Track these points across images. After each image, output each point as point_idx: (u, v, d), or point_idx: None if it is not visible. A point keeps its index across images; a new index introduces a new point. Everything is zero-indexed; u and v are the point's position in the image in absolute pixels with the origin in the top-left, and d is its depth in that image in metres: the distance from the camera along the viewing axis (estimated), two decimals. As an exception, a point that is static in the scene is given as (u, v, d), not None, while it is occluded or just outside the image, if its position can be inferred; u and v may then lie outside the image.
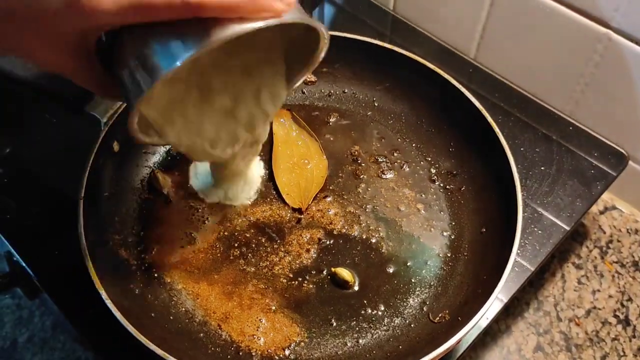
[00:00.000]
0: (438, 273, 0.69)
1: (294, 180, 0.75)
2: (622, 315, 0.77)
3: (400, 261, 0.70)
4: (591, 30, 0.77)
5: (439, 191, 0.75)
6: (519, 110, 0.85)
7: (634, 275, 0.81)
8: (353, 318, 0.66)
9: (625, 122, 0.82)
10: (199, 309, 0.65)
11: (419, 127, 0.80)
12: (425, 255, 0.71)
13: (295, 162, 0.77)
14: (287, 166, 0.76)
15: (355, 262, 0.70)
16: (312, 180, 0.75)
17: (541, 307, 0.78)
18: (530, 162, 0.80)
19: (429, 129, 0.80)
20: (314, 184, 0.74)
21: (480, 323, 0.68)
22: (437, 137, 0.79)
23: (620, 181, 0.82)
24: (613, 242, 0.84)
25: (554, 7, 0.79)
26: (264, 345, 0.63)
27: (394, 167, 0.78)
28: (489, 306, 0.57)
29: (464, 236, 0.71)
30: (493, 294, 0.57)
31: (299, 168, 0.76)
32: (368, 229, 0.72)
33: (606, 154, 0.80)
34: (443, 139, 0.78)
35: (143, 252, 0.68)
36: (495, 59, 0.91)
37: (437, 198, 0.75)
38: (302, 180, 0.75)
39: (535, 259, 0.72)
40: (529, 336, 0.75)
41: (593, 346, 0.75)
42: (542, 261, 0.72)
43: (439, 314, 0.64)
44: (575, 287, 0.80)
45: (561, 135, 0.82)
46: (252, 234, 0.72)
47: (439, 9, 0.94)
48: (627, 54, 0.75)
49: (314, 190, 0.74)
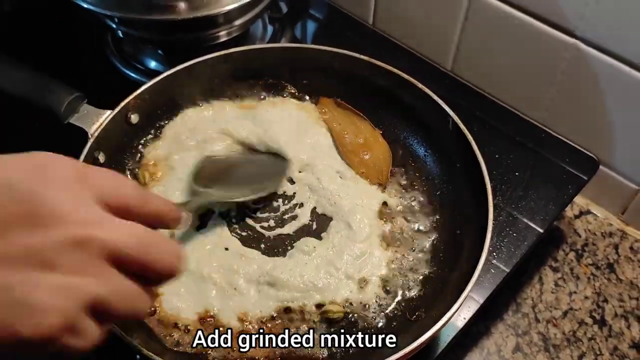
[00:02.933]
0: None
1: (363, 161, 0.80)
2: (598, 315, 0.79)
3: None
4: (559, 40, 0.80)
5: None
6: (494, 118, 0.88)
7: (609, 277, 0.83)
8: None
9: (596, 128, 0.85)
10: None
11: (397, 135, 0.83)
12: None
13: (355, 142, 0.81)
14: (351, 149, 0.81)
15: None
16: (379, 156, 0.80)
17: (519, 309, 0.80)
18: (504, 168, 0.83)
19: (407, 136, 0.83)
20: (382, 160, 0.80)
21: (457, 323, 0.70)
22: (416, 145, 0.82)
23: (595, 186, 0.85)
24: (588, 246, 0.86)
25: (523, 18, 0.83)
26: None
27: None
28: (460, 303, 0.59)
29: (440, 237, 0.73)
30: (465, 291, 0.59)
31: (362, 148, 0.81)
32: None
33: (578, 159, 0.83)
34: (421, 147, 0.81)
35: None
36: (470, 70, 0.94)
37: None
38: (371, 158, 0.80)
39: (510, 260, 0.75)
40: (508, 337, 0.77)
41: (570, 346, 0.77)
42: (517, 262, 0.75)
43: (416, 313, 0.66)
44: (552, 289, 0.82)
45: (534, 142, 0.85)
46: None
47: (417, 23, 0.97)
48: (594, 62, 0.79)
49: (385, 166, 0.79)
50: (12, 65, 0.71)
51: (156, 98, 0.77)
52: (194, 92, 0.81)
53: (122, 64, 0.96)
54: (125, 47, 0.98)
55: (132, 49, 0.98)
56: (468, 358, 0.75)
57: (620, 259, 0.85)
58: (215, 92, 0.83)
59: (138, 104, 0.75)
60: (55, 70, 0.75)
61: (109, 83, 0.94)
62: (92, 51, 1.00)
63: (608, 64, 0.77)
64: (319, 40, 1.03)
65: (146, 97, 0.75)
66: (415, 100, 0.79)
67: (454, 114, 0.75)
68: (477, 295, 0.72)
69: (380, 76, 0.80)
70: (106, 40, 0.99)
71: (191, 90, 0.80)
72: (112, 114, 0.71)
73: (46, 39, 1.02)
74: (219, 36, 0.89)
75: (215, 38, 0.88)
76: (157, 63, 0.97)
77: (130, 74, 0.95)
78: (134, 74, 0.95)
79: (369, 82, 0.82)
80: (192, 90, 0.80)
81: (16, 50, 0.91)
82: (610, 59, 0.77)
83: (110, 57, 0.98)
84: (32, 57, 0.90)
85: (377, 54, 0.84)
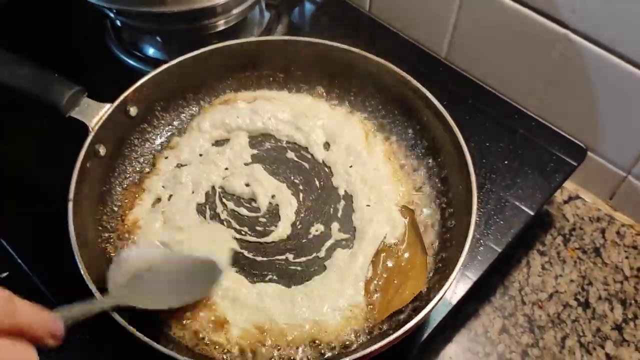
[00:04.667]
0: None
1: (384, 285, 0.70)
2: (583, 298, 0.82)
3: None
4: (551, 31, 0.82)
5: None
6: (486, 106, 0.90)
7: (594, 261, 0.86)
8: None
9: (586, 116, 0.86)
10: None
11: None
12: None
13: (396, 265, 0.72)
14: (387, 265, 0.72)
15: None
16: (401, 293, 0.69)
17: (507, 292, 0.83)
18: (495, 154, 0.85)
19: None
20: (400, 298, 0.69)
21: (451, 300, 0.73)
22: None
23: (584, 172, 0.87)
24: (576, 230, 0.89)
25: (516, 8, 0.83)
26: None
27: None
28: (454, 277, 0.62)
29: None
30: (458, 264, 0.62)
31: (396, 274, 0.71)
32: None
33: (566, 147, 0.85)
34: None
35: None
36: (464, 58, 0.95)
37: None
38: (392, 289, 0.70)
39: (501, 240, 0.78)
40: (495, 319, 0.81)
41: (554, 327, 0.80)
42: (508, 243, 0.78)
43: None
44: (539, 272, 0.85)
45: (525, 129, 0.87)
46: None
47: (412, 10, 0.98)
48: (584, 52, 0.80)
49: (396, 304, 0.68)
50: (14, 60, 0.72)
51: (155, 90, 0.79)
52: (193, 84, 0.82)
53: (120, 51, 0.98)
54: (123, 35, 0.99)
55: (130, 36, 0.99)
56: (456, 338, 0.79)
57: (606, 244, 0.87)
58: (213, 85, 0.84)
59: (137, 97, 0.77)
60: (53, 58, 0.76)
61: (107, 71, 0.96)
62: (91, 38, 1.01)
63: (598, 55, 0.79)
64: (315, 27, 1.04)
65: (144, 89, 0.77)
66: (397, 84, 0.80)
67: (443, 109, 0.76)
68: (470, 273, 0.75)
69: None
70: (105, 27, 1.00)
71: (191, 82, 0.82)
72: (111, 107, 0.73)
73: (44, 26, 1.03)
74: (217, 25, 0.90)
75: (214, 27, 0.90)
76: (155, 50, 0.98)
77: (128, 61, 0.97)
78: (133, 61, 0.97)
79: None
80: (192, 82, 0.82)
81: (15, 39, 0.92)
82: (601, 50, 0.78)
83: (108, 44, 0.99)
84: (30, 45, 0.93)
85: (371, 41, 0.85)
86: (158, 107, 0.82)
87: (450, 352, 0.77)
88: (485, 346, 0.78)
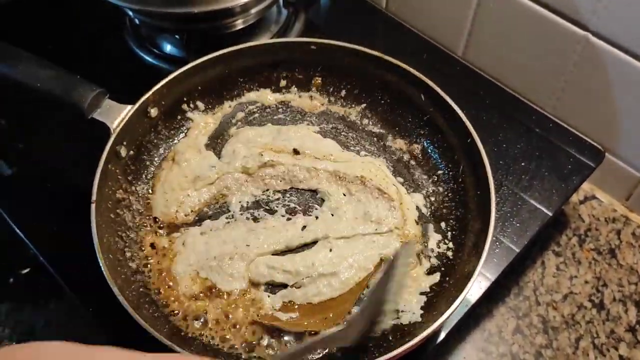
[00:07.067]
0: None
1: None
2: (597, 299, 0.83)
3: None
4: (571, 32, 0.81)
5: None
6: (503, 106, 0.89)
7: (609, 262, 0.86)
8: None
9: (604, 118, 0.86)
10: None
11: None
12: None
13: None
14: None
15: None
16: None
17: (521, 292, 0.83)
18: (513, 155, 0.86)
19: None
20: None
21: (470, 299, 0.74)
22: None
23: (601, 173, 0.87)
24: (591, 231, 0.89)
25: (536, 9, 0.83)
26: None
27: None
28: (474, 278, 0.64)
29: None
30: (477, 267, 0.64)
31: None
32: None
33: (584, 148, 0.85)
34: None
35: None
36: (481, 58, 0.95)
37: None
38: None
39: (520, 240, 0.78)
40: (509, 319, 0.81)
41: (569, 329, 0.81)
42: (526, 243, 0.78)
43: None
44: (554, 273, 0.85)
45: (542, 130, 0.87)
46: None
47: (429, 8, 0.97)
48: (604, 55, 0.79)
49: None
50: (37, 62, 0.73)
51: (175, 91, 0.80)
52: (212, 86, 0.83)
53: (138, 48, 0.98)
54: (142, 31, 1.00)
55: (148, 33, 0.99)
56: (470, 338, 0.80)
57: (622, 245, 0.87)
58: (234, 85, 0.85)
59: (157, 98, 0.78)
60: (72, 55, 0.77)
61: (124, 67, 0.96)
62: (110, 34, 1.02)
63: (618, 57, 0.78)
64: (332, 24, 1.04)
65: (164, 91, 0.78)
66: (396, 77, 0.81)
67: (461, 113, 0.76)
68: (489, 273, 0.76)
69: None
70: (123, 24, 1.01)
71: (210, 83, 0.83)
72: (132, 108, 0.74)
73: (65, 23, 1.03)
74: (235, 24, 0.90)
75: (232, 26, 0.90)
76: (172, 47, 0.98)
77: (146, 58, 0.97)
78: (150, 58, 0.97)
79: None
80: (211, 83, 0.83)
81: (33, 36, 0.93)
82: (620, 52, 0.78)
83: (127, 41, 1.00)
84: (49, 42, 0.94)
85: (388, 39, 0.85)
86: (178, 107, 0.83)
87: (464, 352, 0.78)
88: (499, 346, 0.78)
